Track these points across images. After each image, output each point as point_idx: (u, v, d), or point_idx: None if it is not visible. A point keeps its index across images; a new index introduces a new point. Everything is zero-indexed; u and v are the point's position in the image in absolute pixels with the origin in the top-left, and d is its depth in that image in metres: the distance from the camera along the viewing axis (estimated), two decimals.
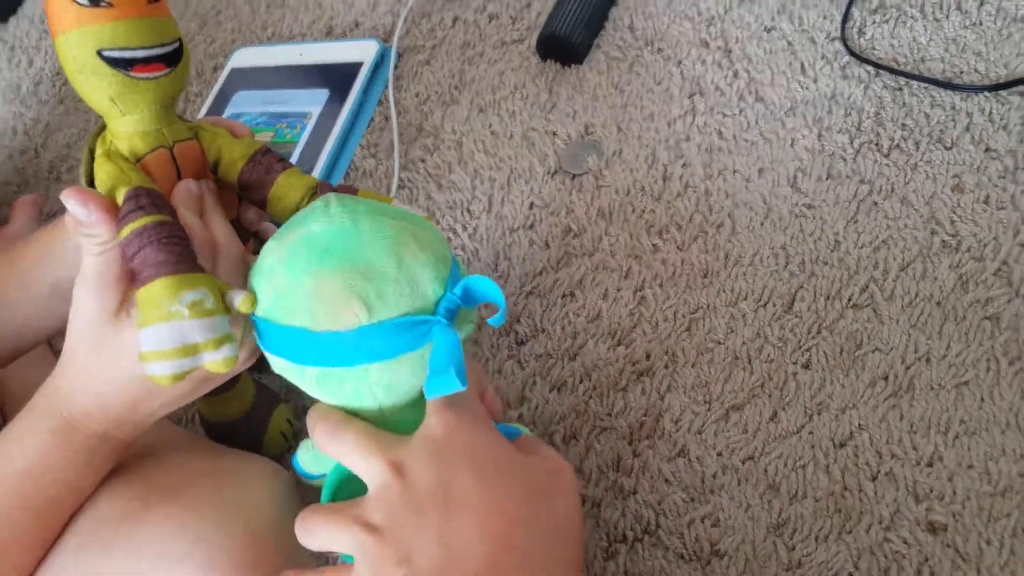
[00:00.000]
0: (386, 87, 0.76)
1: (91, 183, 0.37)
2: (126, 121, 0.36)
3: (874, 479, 0.45)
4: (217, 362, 0.33)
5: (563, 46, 0.71)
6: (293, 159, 0.72)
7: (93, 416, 0.37)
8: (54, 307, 0.44)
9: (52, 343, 0.65)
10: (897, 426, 0.46)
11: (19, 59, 1.07)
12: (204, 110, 0.81)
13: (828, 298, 0.52)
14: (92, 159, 0.37)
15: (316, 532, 0.34)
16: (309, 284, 0.33)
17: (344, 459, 0.35)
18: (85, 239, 0.34)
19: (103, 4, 0.34)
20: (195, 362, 0.33)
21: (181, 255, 0.33)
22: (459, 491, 0.32)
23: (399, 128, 0.73)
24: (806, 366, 0.50)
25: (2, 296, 0.44)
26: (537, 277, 0.59)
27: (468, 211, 0.65)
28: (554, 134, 0.67)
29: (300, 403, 0.58)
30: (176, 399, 0.39)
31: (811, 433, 0.47)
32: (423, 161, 0.70)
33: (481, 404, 0.37)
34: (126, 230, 0.33)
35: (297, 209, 0.40)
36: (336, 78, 0.76)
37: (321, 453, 0.37)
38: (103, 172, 0.36)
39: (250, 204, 0.44)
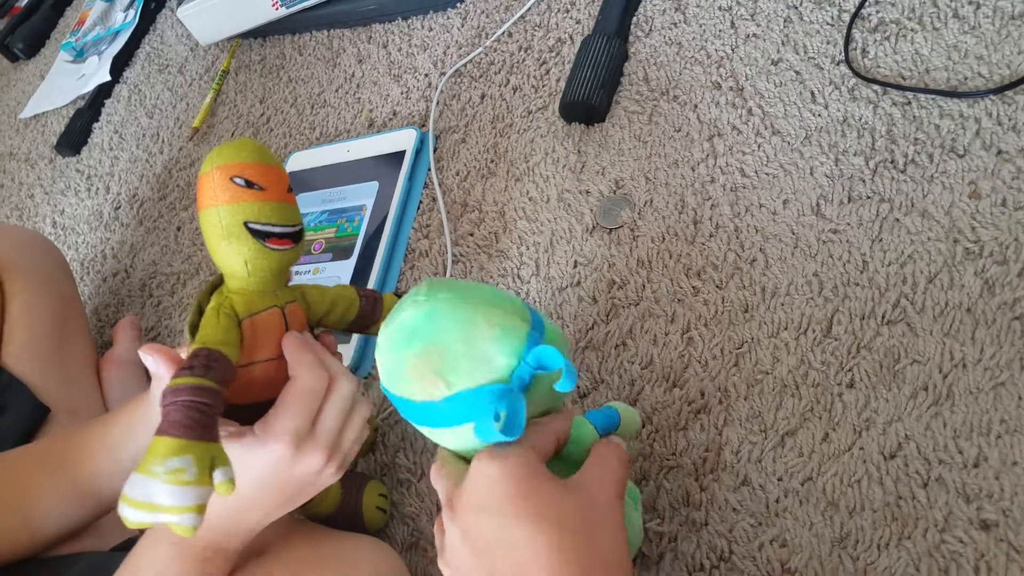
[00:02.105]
0: (429, 170, 0.83)
1: (194, 332, 0.44)
2: (250, 282, 0.44)
3: (925, 486, 0.48)
4: (175, 527, 0.36)
5: (584, 109, 0.76)
6: (355, 251, 0.79)
7: (201, 533, 0.43)
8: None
9: None
10: (942, 433, 0.50)
11: (96, 187, 1.18)
12: None
13: (863, 318, 0.56)
14: (199, 312, 0.45)
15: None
16: (402, 363, 0.40)
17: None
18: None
19: (256, 187, 0.41)
20: (156, 519, 0.35)
21: (195, 422, 0.37)
22: (514, 539, 0.35)
23: (445, 206, 0.80)
24: (850, 385, 0.54)
25: (94, 467, 0.52)
26: (590, 331, 0.64)
27: (518, 276, 0.71)
28: (587, 192, 0.73)
29: (393, 475, 0.65)
30: (271, 513, 0.45)
31: (862, 449, 0.51)
32: (471, 235, 0.76)
33: (532, 452, 0.40)
34: (172, 382, 0.39)
35: None
36: (383, 169, 0.83)
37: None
38: (207, 326, 0.42)
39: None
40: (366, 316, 0.51)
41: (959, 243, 0.56)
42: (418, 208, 0.82)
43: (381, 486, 0.62)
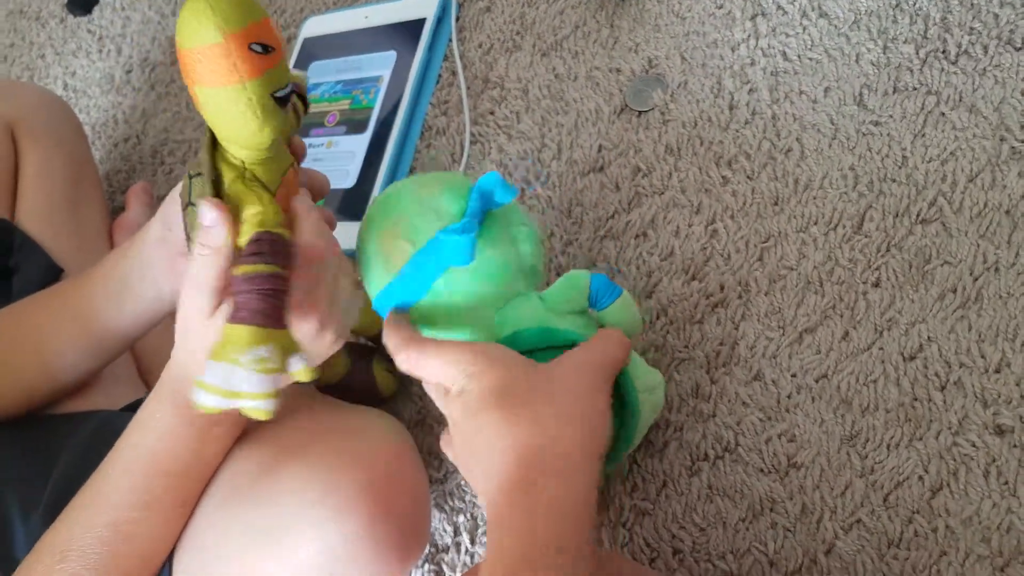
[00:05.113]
0: (450, 41, 0.78)
1: (218, 191, 0.42)
2: (271, 150, 0.40)
3: (943, 388, 0.48)
4: (252, 411, 0.37)
5: None
6: (370, 125, 0.76)
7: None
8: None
9: None
10: (966, 336, 0.49)
11: (108, 49, 1.14)
12: None
13: (897, 215, 0.54)
14: (215, 170, 0.42)
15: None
16: (372, 247, 0.45)
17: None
18: (199, 245, 0.39)
19: (271, 50, 0.36)
20: (234, 405, 0.37)
21: (275, 309, 0.37)
22: (489, 427, 0.38)
23: (466, 81, 0.76)
24: (876, 284, 0.52)
25: (98, 310, 0.53)
26: (610, 220, 0.62)
27: (539, 160, 0.68)
28: (618, 71, 0.69)
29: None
30: None
31: (881, 349, 0.50)
32: (492, 113, 0.73)
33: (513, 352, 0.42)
34: (242, 269, 0.37)
35: None
36: (402, 38, 0.79)
37: None
38: (256, 203, 0.39)
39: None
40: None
41: (1006, 141, 0.53)
42: (437, 82, 0.78)
43: (386, 360, 0.63)
